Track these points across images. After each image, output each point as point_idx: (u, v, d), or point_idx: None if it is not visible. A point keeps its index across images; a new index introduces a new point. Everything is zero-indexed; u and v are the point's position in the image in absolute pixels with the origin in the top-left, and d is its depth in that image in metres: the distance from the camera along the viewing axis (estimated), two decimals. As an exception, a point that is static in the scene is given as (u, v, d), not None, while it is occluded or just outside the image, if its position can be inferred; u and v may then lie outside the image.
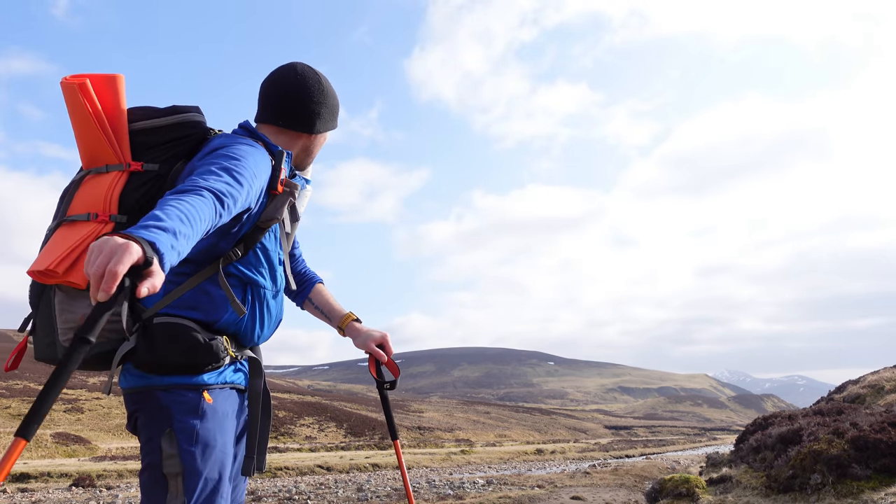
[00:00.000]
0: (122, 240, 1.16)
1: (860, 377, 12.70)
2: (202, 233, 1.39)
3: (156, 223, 1.26)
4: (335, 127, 2.01)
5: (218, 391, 1.68)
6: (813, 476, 5.34)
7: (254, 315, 1.76)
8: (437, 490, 13.47)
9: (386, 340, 2.10)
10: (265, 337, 1.85)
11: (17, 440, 1.12)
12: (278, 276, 1.83)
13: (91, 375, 46.75)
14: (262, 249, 1.76)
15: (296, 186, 1.78)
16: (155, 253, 1.21)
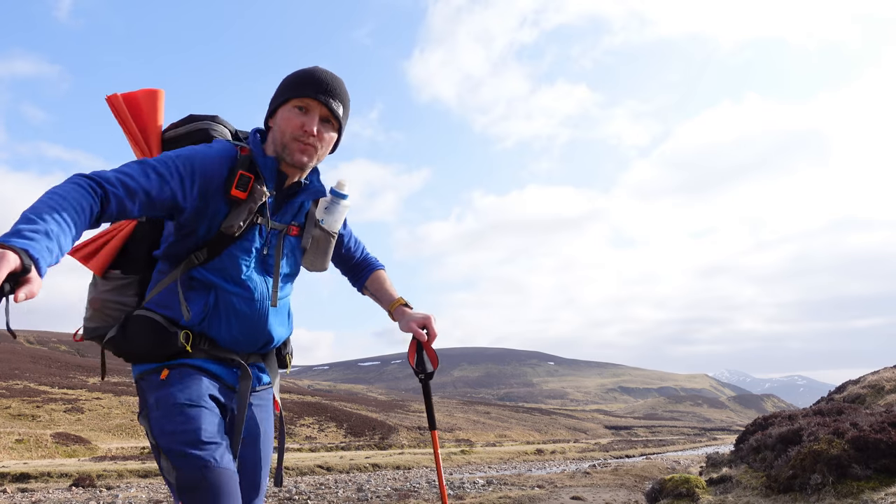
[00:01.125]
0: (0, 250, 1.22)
1: (860, 377, 12.69)
2: (85, 222, 1.43)
3: (29, 227, 1.30)
4: (291, 96, 1.78)
5: (180, 368, 1.74)
6: (813, 476, 5.34)
7: (219, 318, 1.77)
8: (437, 490, 13.47)
9: (429, 322, 2.04)
10: (243, 342, 1.81)
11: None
12: (253, 283, 1.78)
13: (91, 376, 46.72)
14: (228, 256, 1.76)
15: (261, 193, 1.73)
16: (31, 260, 1.25)
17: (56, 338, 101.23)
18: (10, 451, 22.31)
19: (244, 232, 1.75)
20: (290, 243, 1.87)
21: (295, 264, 1.92)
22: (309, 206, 1.93)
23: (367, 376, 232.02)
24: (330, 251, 1.96)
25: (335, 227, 1.94)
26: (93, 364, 56.58)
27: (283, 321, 1.90)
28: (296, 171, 1.84)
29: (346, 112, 1.86)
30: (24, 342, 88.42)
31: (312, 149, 1.78)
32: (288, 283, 1.91)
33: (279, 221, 1.84)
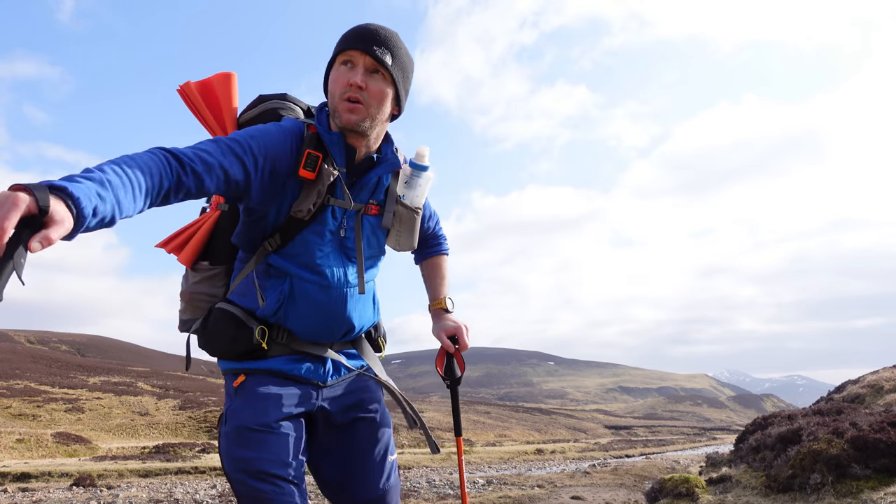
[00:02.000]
0: (10, 192, 1.03)
1: (860, 377, 12.70)
2: (154, 188, 1.29)
3: (82, 174, 1.16)
4: (336, 53, 1.64)
5: (256, 375, 1.68)
6: (812, 476, 5.35)
7: (295, 307, 1.67)
8: (438, 490, 13.48)
9: (460, 334, 1.94)
10: (321, 332, 1.71)
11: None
12: (329, 268, 1.67)
13: (91, 376, 46.73)
14: (301, 241, 1.65)
15: (329, 172, 1.60)
16: (68, 198, 1.08)
17: (56, 337, 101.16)
18: (10, 451, 22.32)
19: (315, 214, 1.63)
20: (369, 223, 1.72)
21: (377, 245, 1.78)
22: (388, 182, 1.75)
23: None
24: (416, 229, 1.78)
25: (418, 201, 1.76)
26: (93, 364, 56.56)
27: (366, 307, 1.78)
28: (361, 142, 1.66)
29: (400, 64, 1.64)
30: (24, 342, 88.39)
31: (360, 105, 1.59)
32: (371, 266, 1.78)
33: (355, 201, 1.68)
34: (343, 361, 1.77)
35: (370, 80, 1.60)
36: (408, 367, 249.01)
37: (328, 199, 1.64)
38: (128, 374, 50.71)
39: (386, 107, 1.65)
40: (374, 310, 1.85)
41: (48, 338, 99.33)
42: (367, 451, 1.78)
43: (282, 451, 1.59)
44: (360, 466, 1.77)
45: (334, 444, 1.78)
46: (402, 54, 1.66)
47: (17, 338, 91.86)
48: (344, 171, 1.65)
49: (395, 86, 1.64)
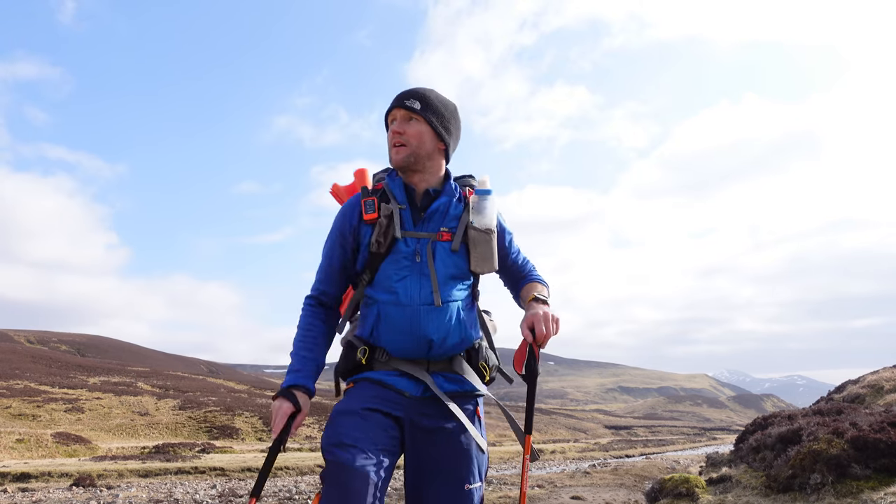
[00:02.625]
0: (278, 403, 1.93)
1: (860, 377, 12.69)
2: (328, 334, 2.08)
3: (295, 365, 2.00)
4: (385, 118, 2.06)
5: (359, 382, 1.98)
6: (812, 476, 5.35)
7: (383, 328, 1.97)
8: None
9: (537, 320, 1.93)
10: (406, 348, 1.95)
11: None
12: (404, 289, 1.95)
13: (91, 376, 46.70)
14: (382, 271, 1.98)
15: (388, 209, 1.97)
16: (305, 390, 1.98)
17: (56, 337, 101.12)
18: (10, 451, 22.31)
19: (390, 246, 1.96)
20: (441, 248, 1.97)
21: (454, 267, 1.99)
22: (460, 211, 2.03)
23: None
24: (492, 250, 2.00)
25: (485, 223, 1.98)
26: (93, 364, 56.54)
27: (446, 324, 1.94)
28: (418, 179, 2.03)
29: (430, 107, 2.01)
30: (24, 342, 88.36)
31: (402, 147, 1.99)
32: (452, 287, 1.97)
33: (423, 230, 1.98)
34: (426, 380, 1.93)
35: (407, 126, 2.00)
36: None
37: (396, 232, 1.96)
38: (128, 374, 50.69)
39: (425, 143, 2.00)
40: (462, 329, 1.98)
41: (48, 338, 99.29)
42: (441, 472, 1.89)
43: (364, 430, 1.83)
44: (428, 485, 1.90)
45: (413, 457, 1.94)
46: (433, 99, 2.03)
47: (17, 338, 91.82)
48: (405, 207, 1.99)
49: (429, 125, 2.00)
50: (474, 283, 2.07)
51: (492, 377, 2.05)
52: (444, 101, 2.05)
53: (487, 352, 2.04)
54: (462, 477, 1.89)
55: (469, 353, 2.01)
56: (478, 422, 1.99)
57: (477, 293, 2.10)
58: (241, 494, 13.09)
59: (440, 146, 2.03)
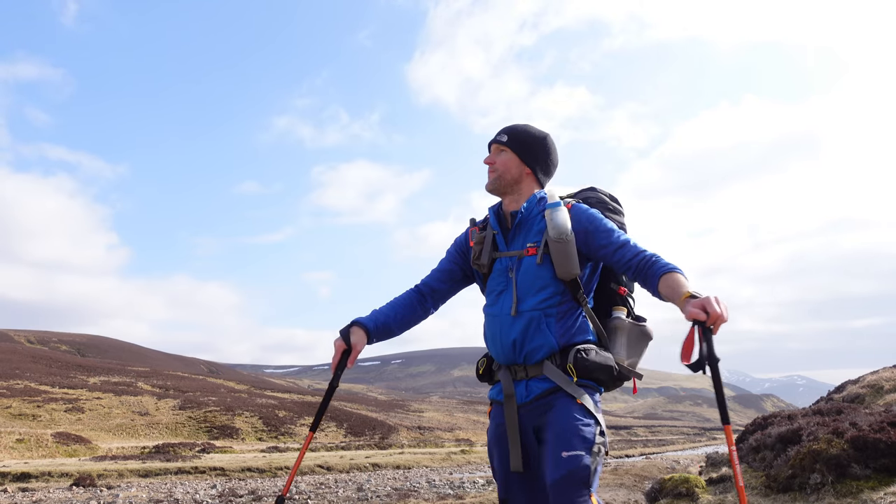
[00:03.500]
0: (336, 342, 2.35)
1: (859, 377, 12.69)
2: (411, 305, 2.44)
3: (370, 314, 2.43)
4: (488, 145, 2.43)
5: (493, 405, 2.32)
6: (812, 476, 5.35)
7: (486, 338, 2.32)
8: (438, 490, 13.48)
9: (708, 303, 1.86)
10: (500, 354, 2.24)
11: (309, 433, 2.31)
12: (497, 302, 2.26)
13: (91, 376, 46.70)
14: (486, 289, 2.34)
15: (482, 235, 2.35)
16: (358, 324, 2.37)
17: (56, 337, 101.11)
18: (10, 451, 22.32)
19: (490, 267, 2.30)
20: (526, 263, 2.23)
21: (538, 278, 2.20)
22: (543, 226, 2.24)
23: (367, 376, 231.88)
24: (568, 256, 2.16)
25: (558, 232, 2.17)
26: (93, 364, 56.53)
27: (521, 331, 2.17)
28: (509, 201, 2.34)
29: (516, 137, 2.34)
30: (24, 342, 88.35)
31: (492, 174, 2.34)
32: (534, 297, 2.19)
33: (512, 249, 2.28)
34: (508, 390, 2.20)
35: (494, 156, 2.36)
36: (408, 367, 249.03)
37: (494, 254, 2.30)
38: (128, 374, 50.69)
39: (511, 169, 2.33)
40: (544, 336, 2.17)
41: (48, 338, 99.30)
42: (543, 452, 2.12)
43: (494, 465, 2.26)
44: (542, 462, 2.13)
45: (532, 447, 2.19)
46: (520, 131, 2.36)
47: (17, 338, 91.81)
48: (497, 232, 2.32)
49: (514, 153, 2.33)
50: (573, 290, 2.20)
51: (594, 377, 2.15)
52: (530, 132, 2.37)
53: (585, 353, 2.14)
54: (558, 447, 2.05)
55: (560, 357, 2.17)
56: (577, 406, 2.11)
57: (581, 298, 2.21)
58: (242, 494, 13.09)
59: (527, 171, 2.34)
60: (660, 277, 2.05)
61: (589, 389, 2.15)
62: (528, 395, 2.16)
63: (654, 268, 2.07)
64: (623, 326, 2.28)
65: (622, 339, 2.27)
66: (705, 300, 1.87)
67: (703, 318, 1.84)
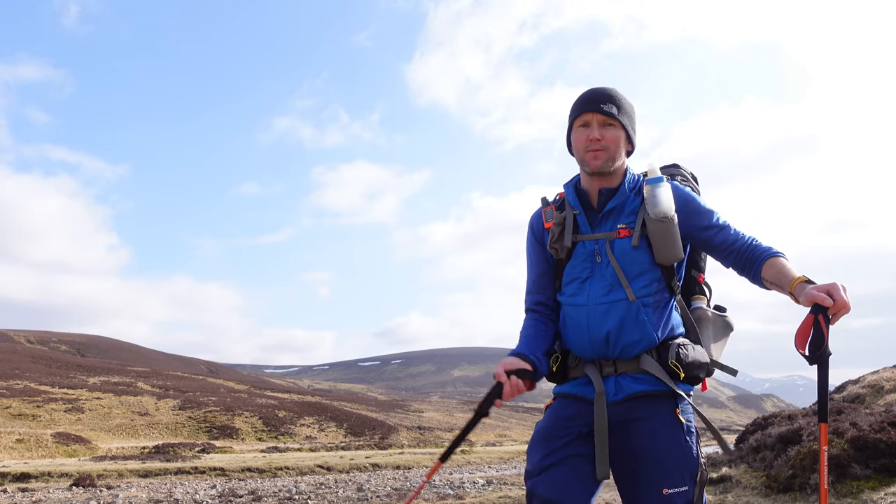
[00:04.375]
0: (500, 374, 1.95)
1: (860, 377, 12.70)
2: (547, 334, 2.05)
3: (523, 349, 2.02)
4: (573, 119, 2.04)
5: (558, 399, 2.02)
6: (812, 476, 5.35)
7: (566, 331, 2.02)
8: (437, 490, 13.47)
9: (834, 288, 1.70)
10: (585, 348, 1.95)
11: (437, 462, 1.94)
12: (582, 291, 1.97)
13: (91, 376, 46.71)
14: (565, 276, 2.02)
15: (562, 216, 2.02)
16: (528, 362, 1.96)
17: (56, 337, 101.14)
18: (10, 451, 22.32)
19: (570, 252, 1.99)
20: (619, 246, 1.94)
21: (634, 263, 1.92)
22: (637, 205, 1.98)
23: (367, 376, 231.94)
24: (672, 238, 1.90)
25: (660, 211, 1.90)
26: (93, 364, 56.54)
27: (617, 321, 1.89)
28: (594, 182, 2.00)
29: (625, 111, 2.00)
30: (24, 342, 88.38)
31: (602, 152, 1.95)
32: (637, 283, 1.92)
33: (601, 231, 1.97)
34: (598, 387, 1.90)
35: (605, 131, 1.96)
36: (408, 367, 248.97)
37: (576, 237, 1.99)
38: (128, 374, 50.71)
39: (620, 148, 1.98)
40: (642, 326, 1.90)
41: (48, 338, 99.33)
42: (640, 474, 1.84)
43: (547, 453, 1.89)
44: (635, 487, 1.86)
45: (619, 458, 1.90)
46: (625, 103, 2.02)
47: (17, 338, 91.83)
48: (579, 212, 2.01)
49: (624, 129, 1.99)
50: (668, 277, 1.96)
51: (694, 375, 1.91)
52: (631, 104, 2.05)
53: (686, 349, 1.91)
54: (657, 480, 1.79)
55: (658, 352, 1.90)
56: (677, 424, 1.86)
57: (676, 287, 1.99)
58: (242, 494, 13.09)
59: (628, 148, 2.03)
60: (764, 262, 1.91)
61: (687, 393, 1.91)
62: (616, 393, 1.89)
63: (758, 251, 1.93)
64: (708, 317, 2.09)
65: (708, 331, 2.08)
66: (832, 286, 1.71)
67: (830, 303, 1.68)
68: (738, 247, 1.96)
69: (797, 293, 1.79)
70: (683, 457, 1.81)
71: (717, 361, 2.06)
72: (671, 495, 1.77)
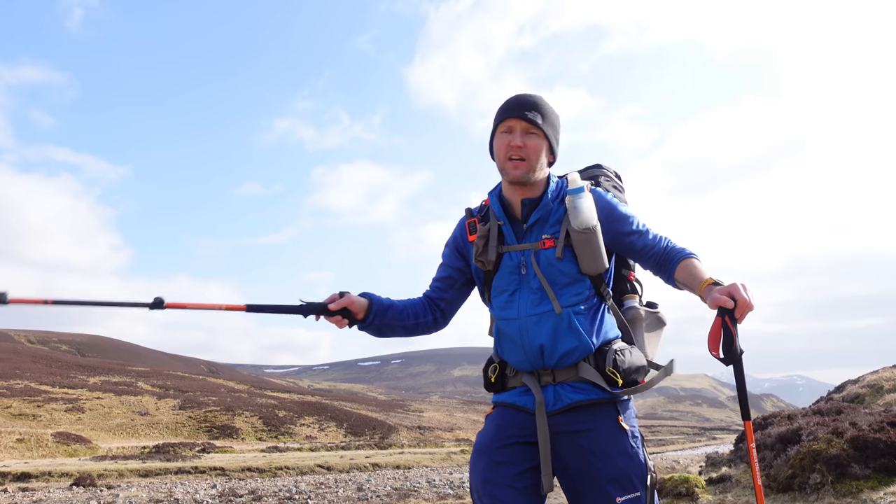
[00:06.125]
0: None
1: (859, 377, 12.70)
2: (413, 307, 2.08)
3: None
4: (496, 125, 1.99)
5: (498, 408, 2.00)
6: (812, 476, 5.36)
7: (501, 344, 2.01)
8: (438, 490, 13.49)
9: (734, 288, 1.72)
10: (521, 360, 1.93)
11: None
12: (511, 303, 1.94)
13: (91, 375, 46.71)
14: (494, 288, 2.00)
15: (486, 228, 1.99)
16: (367, 297, 2.00)
17: (57, 337, 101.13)
18: (10, 451, 22.33)
19: (496, 264, 1.97)
20: (545, 257, 1.91)
21: (565, 274, 1.90)
22: (561, 215, 1.94)
23: (367, 376, 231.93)
24: (596, 249, 1.88)
25: (582, 222, 1.87)
26: (93, 364, 56.53)
27: (551, 332, 1.87)
28: (517, 192, 1.97)
29: (549, 121, 1.95)
30: (24, 342, 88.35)
31: (523, 162, 1.91)
32: (563, 294, 1.89)
33: (526, 241, 1.95)
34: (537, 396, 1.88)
35: (527, 139, 1.92)
36: (408, 367, 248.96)
37: (501, 248, 1.97)
38: (128, 374, 50.70)
39: (542, 157, 1.94)
40: (577, 335, 1.88)
41: (48, 338, 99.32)
42: (579, 483, 1.83)
43: (488, 469, 1.87)
44: (574, 495, 1.84)
45: (562, 470, 1.87)
46: (551, 113, 1.97)
47: (18, 338, 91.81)
48: (503, 223, 1.99)
49: (547, 139, 1.95)
50: (597, 284, 1.94)
51: (631, 381, 1.89)
52: (557, 115, 2.01)
53: (622, 354, 1.89)
54: (607, 491, 1.77)
55: (595, 358, 1.88)
56: (621, 432, 1.85)
57: (606, 293, 1.97)
58: (242, 494, 13.09)
59: (550, 159, 1.99)
60: (678, 263, 1.93)
61: (627, 399, 1.91)
62: (556, 402, 1.86)
63: (672, 253, 1.96)
64: (640, 316, 2.08)
65: (641, 330, 2.07)
66: (732, 287, 1.73)
67: (731, 305, 1.70)
68: (657, 251, 1.98)
69: (705, 295, 1.82)
70: (631, 463, 1.80)
71: (653, 362, 2.05)
72: (624, 503, 1.75)
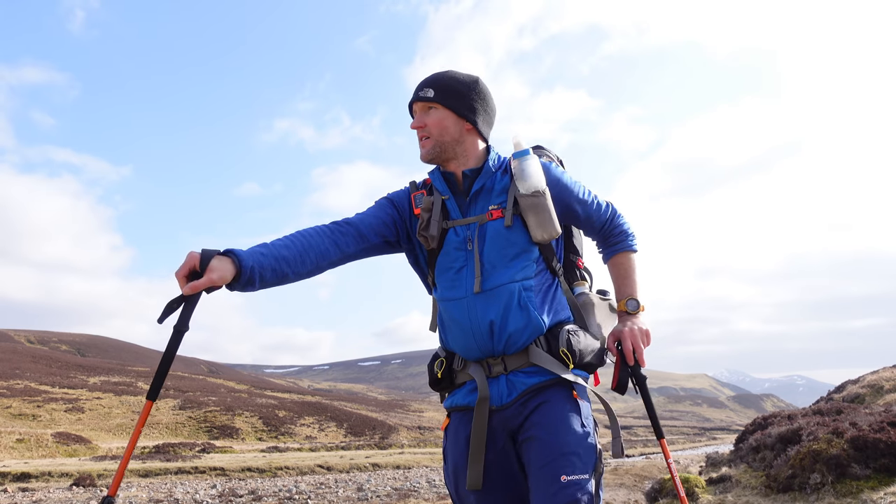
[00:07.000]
0: (189, 254, 1.60)
1: (859, 377, 12.71)
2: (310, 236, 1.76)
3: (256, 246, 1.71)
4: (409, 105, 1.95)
5: (453, 416, 1.86)
6: (812, 476, 5.35)
7: (447, 330, 1.84)
8: (437, 490, 13.48)
9: (623, 338, 1.80)
10: (471, 346, 1.77)
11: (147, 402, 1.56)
12: (459, 282, 1.79)
13: (91, 376, 46.71)
14: (440, 268, 1.84)
15: (430, 200, 1.84)
16: (231, 254, 1.61)
17: (57, 337, 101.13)
18: (10, 451, 22.32)
19: (441, 240, 1.83)
20: (492, 228, 1.78)
21: (510, 244, 1.77)
22: (507, 183, 1.83)
23: (367, 376, 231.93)
24: (547, 213, 1.77)
25: (531, 185, 1.77)
26: (93, 364, 56.54)
27: (499, 311, 1.73)
28: (455, 166, 1.87)
29: (444, 90, 1.85)
30: (24, 342, 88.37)
31: (427, 140, 1.85)
32: (508, 268, 1.76)
33: (472, 214, 1.82)
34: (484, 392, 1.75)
35: (426, 117, 1.86)
36: (408, 367, 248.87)
37: (445, 223, 1.83)
38: (128, 374, 50.70)
39: (449, 128, 1.85)
40: (526, 314, 1.75)
41: (48, 338, 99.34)
42: (533, 471, 1.68)
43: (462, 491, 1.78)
44: (532, 484, 1.69)
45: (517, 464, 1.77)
46: (445, 81, 1.87)
47: (18, 338, 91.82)
48: (447, 197, 1.86)
49: (448, 108, 1.85)
50: (548, 257, 1.83)
51: (586, 363, 1.78)
52: (460, 79, 1.88)
53: (577, 335, 1.78)
54: (554, 466, 1.62)
55: (548, 339, 1.76)
56: (573, 405, 1.72)
57: (556, 267, 1.86)
58: (242, 494, 13.09)
59: (467, 127, 1.86)
60: (612, 255, 1.94)
61: (582, 382, 1.77)
62: (509, 393, 1.73)
63: (611, 239, 1.94)
64: (593, 302, 1.95)
65: (593, 316, 1.93)
66: (622, 334, 1.80)
67: (615, 357, 1.81)
68: (600, 223, 1.93)
69: (618, 316, 1.89)
70: (580, 443, 1.66)
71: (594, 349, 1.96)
72: (569, 483, 1.59)
